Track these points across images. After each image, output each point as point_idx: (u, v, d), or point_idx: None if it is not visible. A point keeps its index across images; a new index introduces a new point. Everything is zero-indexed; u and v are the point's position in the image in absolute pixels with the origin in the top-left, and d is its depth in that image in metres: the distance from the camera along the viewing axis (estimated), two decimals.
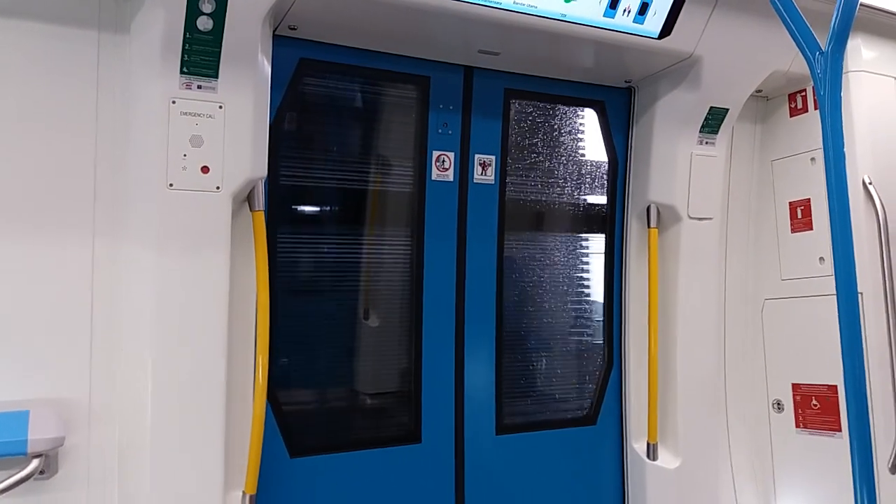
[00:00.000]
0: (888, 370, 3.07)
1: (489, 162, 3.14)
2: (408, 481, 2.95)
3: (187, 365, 2.29)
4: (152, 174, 2.27)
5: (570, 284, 3.51)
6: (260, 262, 2.43)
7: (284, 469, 2.71)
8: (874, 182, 3.21)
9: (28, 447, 2.14)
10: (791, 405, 3.48)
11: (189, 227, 2.30)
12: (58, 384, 2.31)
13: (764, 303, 3.65)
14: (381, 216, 3.10)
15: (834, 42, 1.92)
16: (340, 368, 3.04)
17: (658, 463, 3.24)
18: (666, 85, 3.22)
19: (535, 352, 3.44)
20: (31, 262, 2.29)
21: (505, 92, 3.17)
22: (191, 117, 2.28)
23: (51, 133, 2.33)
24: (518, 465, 3.18)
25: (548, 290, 3.45)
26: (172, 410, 2.27)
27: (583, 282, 3.52)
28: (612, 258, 3.46)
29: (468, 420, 3.09)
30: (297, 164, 2.86)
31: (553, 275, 3.48)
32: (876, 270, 3.14)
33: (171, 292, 2.29)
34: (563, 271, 3.50)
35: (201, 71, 2.29)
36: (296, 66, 2.75)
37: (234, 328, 2.41)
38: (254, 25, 2.32)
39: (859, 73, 3.31)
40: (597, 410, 3.39)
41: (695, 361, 3.30)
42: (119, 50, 2.40)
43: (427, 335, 3.02)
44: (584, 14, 2.72)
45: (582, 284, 3.52)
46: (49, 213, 2.33)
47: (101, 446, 2.34)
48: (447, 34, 2.76)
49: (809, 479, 3.41)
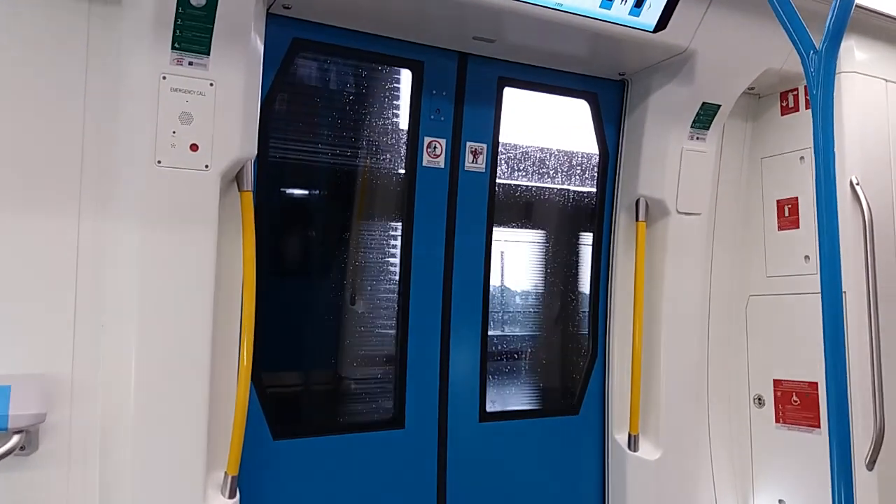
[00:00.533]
0: (868, 369, 3.11)
1: (480, 150, 3.13)
2: (391, 466, 2.96)
3: (171, 344, 2.28)
4: (140, 150, 2.24)
5: (557, 275, 3.52)
6: (247, 242, 2.42)
7: (267, 451, 2.71)
8: (861, 183, 3.23)
9: (9, 422, 2.12)
10: (772, 400, 3.52)
11: (176, 206, 2.28)
12: (40, 360, 2.28)
13: (749, 299, 3.68)
14: (370, 201, 3.09)
15: (829, 41, 1.92)
16: (325, 352, 3.04)
17: (639, 454, 3.27)
18: (659, 79, 3.22)
19: (520, 340, 3.46)
20: (15, 236, 2.26)
21: (498, 80, 3.16)
22: (181, 94, 2.26)
23: (38, 105, 2.30)
24: (500, 452, 3.20)
25: (536, 279, 3.46)
26: (156, 389, 2.26)
27: (570, 272, 3.54)
28: (600, 250, 3.47)
29: (452, 407, 3.09)
30: (288, 144, 2.84)
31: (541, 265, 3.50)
32: (860, 270, 3.17)
33: (156, 270, 2.27)
34: (551, 261, 3.51)
35: (193, 47, 2.26)
36: (289, 46, 2.73)
37: (220, 309, 2.39)
38: (248, 3, 2.29)
39: (851, 74, 3.32)
40: (580, 400, 3.42)
41: (678, 355, 3.32)
42: (110, 22, 2.36)
43: (413, 321, 3.02)
44: (580, 4, 2.71)
45: (569, 275, 3.54)
46: (35, 186, 2.29)
47: (83, 423, 2.33)
48: (442, 19, 2.74)
49: (788, 474, 3.45)
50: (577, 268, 3.54)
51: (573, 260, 3.55)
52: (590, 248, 3.49)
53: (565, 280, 3.54)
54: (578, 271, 3.54)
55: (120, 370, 2.27)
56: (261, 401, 2.69)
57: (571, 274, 3.54)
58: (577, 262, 3.54)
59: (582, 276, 3.53)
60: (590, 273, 3.49)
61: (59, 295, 2.32)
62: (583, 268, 3.53)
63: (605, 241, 3.48)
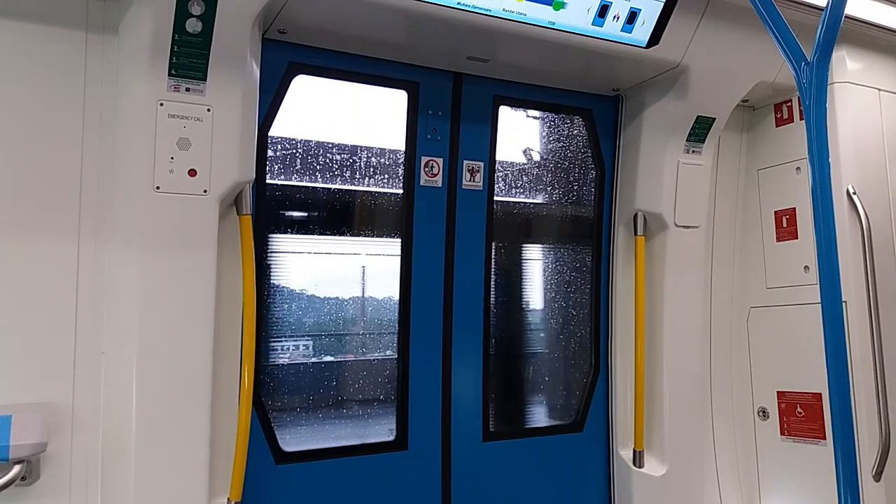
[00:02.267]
0: (872, 378, 3.10)
1: (477, 168, 3.14)
2: (394, 489, 2.94)
3: (172, 370, 2.27)
4: (139, 176, 2.25)
5: (557, 291, 3.52)
6: (247, 266, 2.42)
7: (270, 476, 2.69)
8: (858, 192, 3.24)
9: (10, 453, 2.11)
10: (776, 413, 3.50)
11: (176, 231, 2.28)
12: (41, 389, 2.27)
13: (749, 311, 3.67)
14: (369, 221, 3.09)
15: (819, 53, 1.94)
16: (327, 374, 3.03)
17: (644, 470, 3.25)
18: (653, 94, 3.24)
19: (522, 358, 3.45)
20: (14, 264, 2.27)
21: (494, 99, 3.18)
22: (178, 120, 2.27)
23: (37, 133, 2.31)
24: (505, 472, 3.17)
25: (535, 296, 3.45)
26: (157, 416, 2.25)
27: (570, 289, 3.53)
28: (599, 265, 3.47)
29: (455, 427, 3.08)
30: (286, 167, 2.85)
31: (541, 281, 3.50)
32: (860, 279, 3.17)
33: (156, 296, 2.27)
34: (551, 278, 3.51)
35: (189, 73, 2.27)
36: (285, 70, 2.75)
37: (221, 333, 2.39)
38: (243, 28, 2.31)
39: (844, 85, 3.35)
40: (583, 417, 3.40)
41: (681, 369, 3.31)
42: (107, 51, 2.38)
43: (414, 341, 3.01)
44: (572, 22, 2.74)
45: (569, 291, 3.53)
46: (34, 214, 2.30)
47: (85, 452, 2.31)
48: (437, 40, 2.77)
49: (794, 487, 3.42)
50: (577, 283, 3.54)
51: (573, 276, 3.54)
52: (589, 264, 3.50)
53: (566, 296, 3.54)
54: (578, 287, 3.53)
55: (121, 397, 2.26)
56: (262, 425, 2.68)
57: (572, 290, 3.54)
58: (577, 278, 3.54)
59: (582, 292, 3.52)
60: (590, 288, 3.48)
61: (58, 323, 2.31)
62: (583, 283, 3.52)
63: (605, 256, 3.48)
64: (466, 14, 2.55)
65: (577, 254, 3.53)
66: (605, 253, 3.48)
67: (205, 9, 2.21)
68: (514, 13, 2.63)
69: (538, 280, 3.52)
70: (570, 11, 2.71)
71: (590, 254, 3.49)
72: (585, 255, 3.51)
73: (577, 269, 3.53)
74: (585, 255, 3.51)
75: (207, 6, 2.21)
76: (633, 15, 2.80)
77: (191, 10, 2.20)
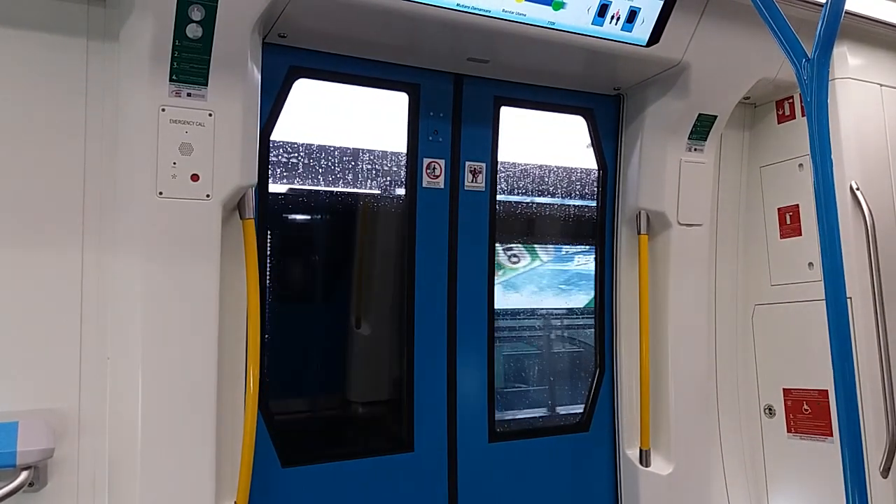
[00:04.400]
0: (878, 374, 3.09)
1: (479, 169, 3.14)
2: (401, 490, 2.94)
3: (177, 375, 2.27)
4: (141, 182, 2.26)
5: (561, 291, 3.51)
6: (250, 270, 2.42)
7: (276, 479, 2.69)
8: (861, 188, 3.23)
9: (17, 459, 2.12)
10: (782, 410, 3.49)
11: (179, 236, 2.29)
12: (47, 395, 2.28)
13: (754, 308, 3.66)
14: (371, 224, 3.10)
15: (820, 49, 1.94)
16: (332, 377, 3.03)
17: (651, 469, 3.24)
18: (654, 92, 3.24)
19: (527, 358, 3.44)
20: (19, 271, 2.27)
21: (495, 99, 3.18)
22: (180, 125, 2.28)
23: (40, 140, 2.32)
24: (511, 472, 3.17)
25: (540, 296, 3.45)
26: (163, 421, 2.25)
27: (574, 288, 3.53)
28: (603, 265, 3.47)
29: (461, 428, 3.08)
30: (288, 171, 2.86)
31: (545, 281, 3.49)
32: (864, 275, 3.16)
33: (160, 301, 2.27)
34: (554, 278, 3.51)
35: (190, 79, 2.28)
36: (286, 74, 2.75)
37: (225, 337, 2.39)
38: (243, 33, 2.32)
39: (846, 80, 3.34)
40: (589, 417, 3.39)
41: (686, 367, 3.30)
42: (108, 57, 2.39)
43: (419, 343, 3.01)
44: (572, 22, 2.74)
45: (573, 291, 3.53)
46: (38, 221, 2.31)
47: (91, 457, 2.32)
48: (437, 42, 2.77)
49: (802, 484, 3.41)
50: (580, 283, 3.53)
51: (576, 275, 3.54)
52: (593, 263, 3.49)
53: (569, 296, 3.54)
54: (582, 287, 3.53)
55: (126, 403, 2.27)
56: (268, 428, 2.68)
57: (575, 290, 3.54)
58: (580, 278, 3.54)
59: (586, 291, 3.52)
60: (594, 288, 3.48)
61: (64, 329, 2.32)
62: (586, 283, 3.52)
63: (608, 255, 3.47)
64: (466, 15, 2.55)
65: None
66: (608, 252, 3.47)
67: (205, 14, 2.22)
68: (514, 14, 2.63)
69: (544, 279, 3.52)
70: (569, 11, 2.70)
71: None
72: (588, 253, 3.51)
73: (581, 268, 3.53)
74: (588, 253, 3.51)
75: (207, 12, 2.22)
76: (632, 14, 2.79)
77: (191, 16, 2.20)
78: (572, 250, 3.61)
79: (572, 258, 3.61)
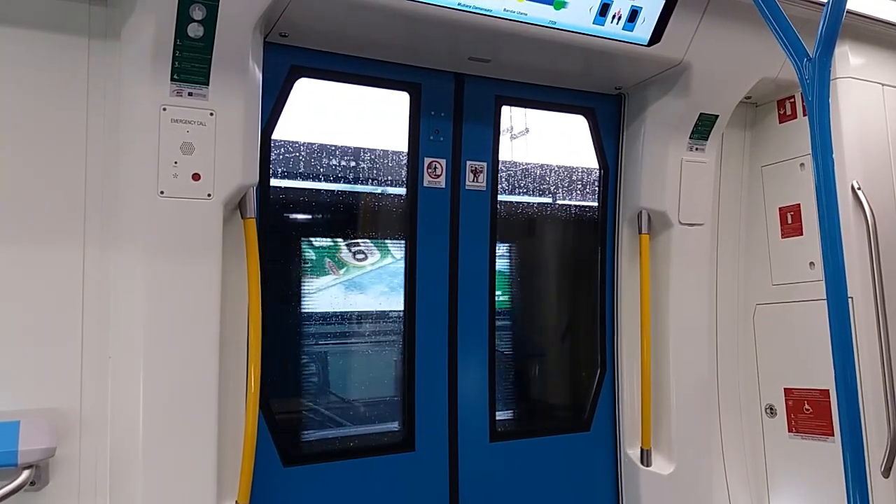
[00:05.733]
0: (879, 374, 3.09)
1: (480, 168, 3.14)
2: (402, 490, 2.94)
3: (179, 374, 2.27)
4: (143, 181, 2.26)
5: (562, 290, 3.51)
6: (252, 269, 2.42)
7: (278, 478, 2.69)
8: (863, 187, 3.23)
9: (18, 458, 2.12)
10: (784, 410, 3.49)
11: (180, 235, 2.29)
12: (49, 394, 2.28)
13: (755, 308, 3.66)
14: (373, 223, 3.10)
15: (821, 48, 1.94)
16: (333, 376, 3.03)
17: (652, 469, 3.24)
18: (656, 92, 3.24)
19: (528, 358, 3.44)
20: (21, 270, 2.28)
21: (496, 99, 3.18)
22: (181, 124, 2.28)
23: (41, 139, 2.32)
24: (512, 472, 3.17)
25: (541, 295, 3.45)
26: (164, 420, 2.25)
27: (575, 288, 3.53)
28: (604, 264, 3.47)
29: (462, 427, 3.08)
30: (289, 170, 2.86)
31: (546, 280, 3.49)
32: (866, 275, 3.16)
33: (161, 300, 2.27)
34: (556, 277, 3.51)
35: (192, 78, 2.28)
36: (287, 73, 2.75)
37: (227, 336, 2.39)
38: (244, 32, 2.32)
39: (847, 80, 3.33)
40: (590, 417, 3.39)
41: (687, 367, 3.30)
42: (109, 56, 2.39)
43: (420, 342, 3.01)
44: (573, 21, 2.73)
45: (574, 290, 3.53)
46: (39, 220, 2.31)
47: (93, 456, 2.32)
48: (438, 41, 2.77)
49: (803, 484, 3.41)
50: (582, 282, 3.53)
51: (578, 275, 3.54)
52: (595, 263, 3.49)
53: (571, 295, 3.54)
54: (584, 286, 3.53)
55: (128, 402, 2.27)
56: (269, 428, 2.68)
57: (577, 289, 3.54)
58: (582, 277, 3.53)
59: (588, 291, 3.52)
60: (595, 287, 3.48)
61: (65, 329, 2.32)
62: (587, 282, 3.52)
63: (609, 254, 3.47)
64: (467, 15, 2.55)
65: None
66: (609, 251, 3.47)
67: (206, 14, 2.22)
68: (515, 13, 2.63)
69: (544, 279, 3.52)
70: (571, 10, 2.70)
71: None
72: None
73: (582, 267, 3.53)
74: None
75: (209, 11, 2.22)
76: (634, 13, 2.79)
77: (192, 15, 2.20)
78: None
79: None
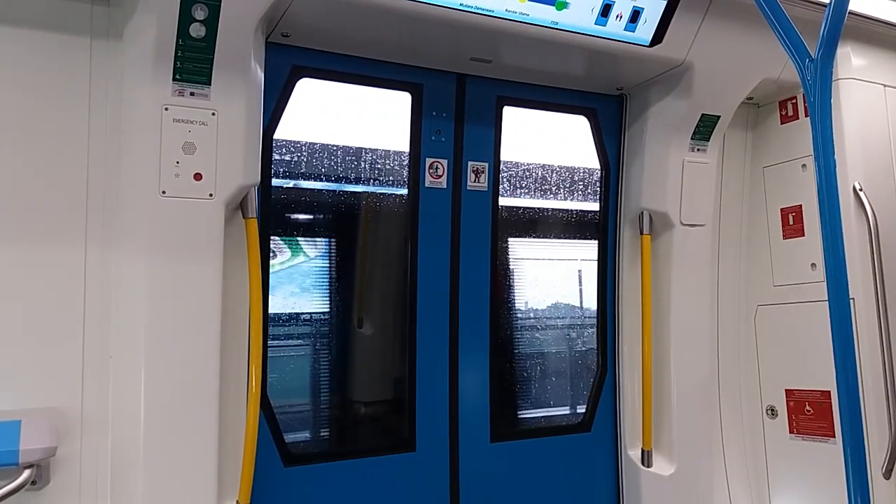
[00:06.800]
0: (881, 376, 3.08)
1: (482, 169, 3.14)
2: (402, 490, 2.94)
3: (180, 373, 2.28)
4: (145, 181, 2.26)
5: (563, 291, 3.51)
6: (253, 269, 2.43)
7: (278, 478, 2.69)
8: (864, 188, 3.23)
9: (20, 457, 2.12)
10: (785, 411, 3.48)
11: (182, 235, 2.29)
12: (50, 393, 2.29)
13: (757, 309, 3.66)
14: (374, 223, 3.10)
15: (823, 49, 1.93)
16: (334, 377, 3.03)
17: (653, 470, 3.24)
18: (657, 92, 3.24)
19: (529, 359, 3.44)
20: (22, 270, 2.28)
21: (497, 99, 3.18)
22: (183, 124, 2.28)
23: (43, 139, 2.32)
24: (513, 472, 3.17)
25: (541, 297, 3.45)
26: (165, 420, 2.25)
27: (576, 289, 3.53)
28: (605, 265, 3.46)
29: (462, 428, 3.08)
30: (291, 170, 2.86)
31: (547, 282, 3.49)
32: (868, 276, 3.16)
33: (163, 300, 2.28)
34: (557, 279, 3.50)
35: (194, 78, 2.28)
36: (289, 73, 2.76)
37: (228, 336, 2.40)
38: (246, 32, 2.32)
39: (849, 81, 3.33)
40: (591, 417, 3.39)
41: (688, 368, 3.30)
42: (111, 56, 2.39)
43: (421, 343, 3.01)
44: (575, 21, 2.73)
45: (575, 291, 3.52)
46: (41, 220, 2.31)
47: (94, 456, 2.32)
48: (439, 42, 2.77)
49: (804, 485, 3.41)
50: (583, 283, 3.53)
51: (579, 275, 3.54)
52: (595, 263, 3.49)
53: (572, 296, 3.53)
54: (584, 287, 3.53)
55: (129, 401, 2.27)
56: (270, 428, 2.68)
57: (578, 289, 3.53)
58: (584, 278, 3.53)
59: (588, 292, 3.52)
60: (596, 288, 3.48)
61: (67, 328, 2.32)
62: (589, 283, 3.52)
63: (611, 255, 3.47)
64: (469, 15, 2.55)
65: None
66: (610, 252, 3.47)
67: (208, 13, 2.22)
68: (517, 13, 2.63)
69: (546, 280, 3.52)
70: (572, 11, 2.70)
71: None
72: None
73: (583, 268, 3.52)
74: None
75: (211, 11, 2.22)
76: (636, 14, 2.79)
77: (194, 15, 2.21)
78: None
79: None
